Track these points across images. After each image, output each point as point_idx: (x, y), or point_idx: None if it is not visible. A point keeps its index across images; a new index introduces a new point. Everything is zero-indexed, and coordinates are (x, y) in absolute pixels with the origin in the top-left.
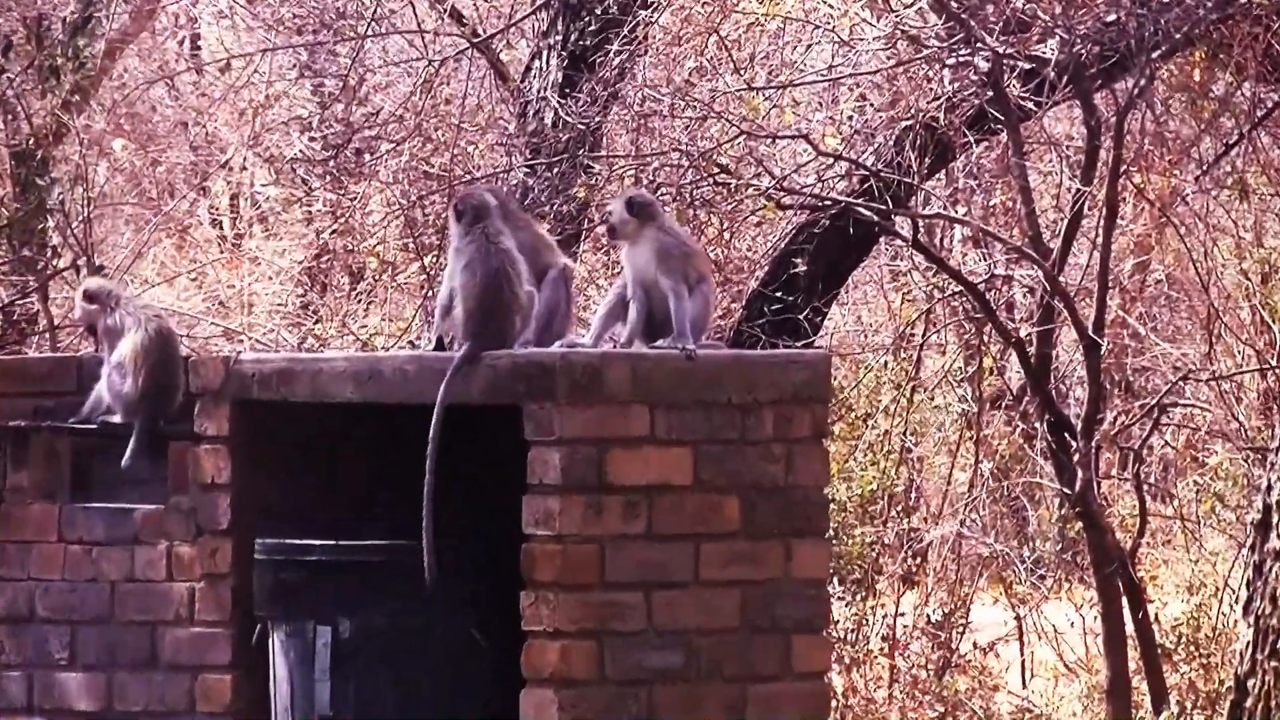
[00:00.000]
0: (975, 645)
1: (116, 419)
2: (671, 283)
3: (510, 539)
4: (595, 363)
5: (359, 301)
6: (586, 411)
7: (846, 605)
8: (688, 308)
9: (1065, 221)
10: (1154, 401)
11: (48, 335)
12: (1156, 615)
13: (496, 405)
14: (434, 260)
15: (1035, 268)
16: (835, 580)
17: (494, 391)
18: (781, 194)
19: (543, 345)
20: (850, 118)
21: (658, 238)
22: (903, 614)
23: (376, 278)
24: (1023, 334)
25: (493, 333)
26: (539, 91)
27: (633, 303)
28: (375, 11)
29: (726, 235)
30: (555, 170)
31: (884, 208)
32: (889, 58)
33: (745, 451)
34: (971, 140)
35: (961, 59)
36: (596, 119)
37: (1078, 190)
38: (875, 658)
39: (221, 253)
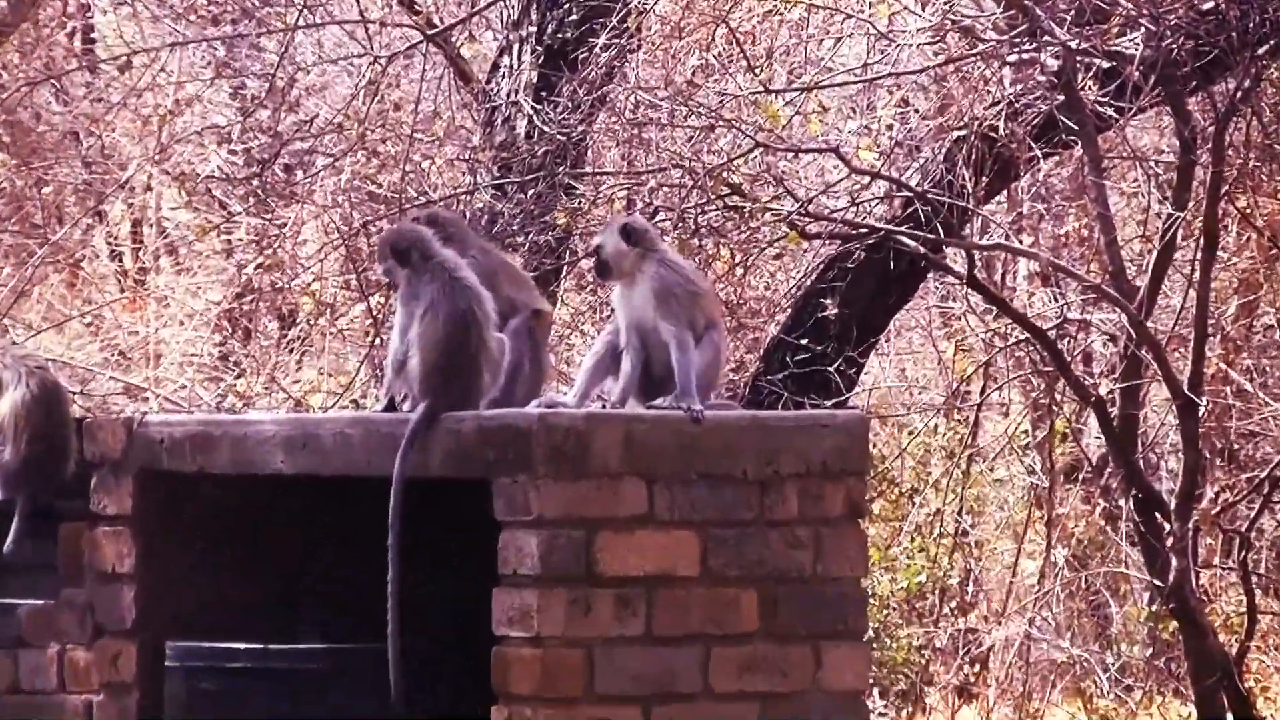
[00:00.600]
0: None
1: None
2: (674, 329)
3: (482, 629)
4: (581, 426)
5: (290, 352)
6: (571, 486)
7: None
8: (693, 359)
9: (1154, 254)
10: (1264, 474)
11: None
12: None
13: (460, 478)
14: (382, 302)
15: (1118, 310)
16: (876, 692)
17: (457, 462)
18: (807, 220)
19: (507, 406)
20: (890, 127)
21: (658, 274)
22: None
23: (312, 322)
24: (1103, 391)
25: (456, 390)
26: (509, 95)
27: (626, 353)
28: None
29: (740, 270)
30: (530, 191)
31: (932, 237)
32: (937, 54)
33: (765, 535)
34: (1039, 155)
35: (1026, 56)
36: (579, 128)
37: (1169, 216)
38: None
39: (122, 292)
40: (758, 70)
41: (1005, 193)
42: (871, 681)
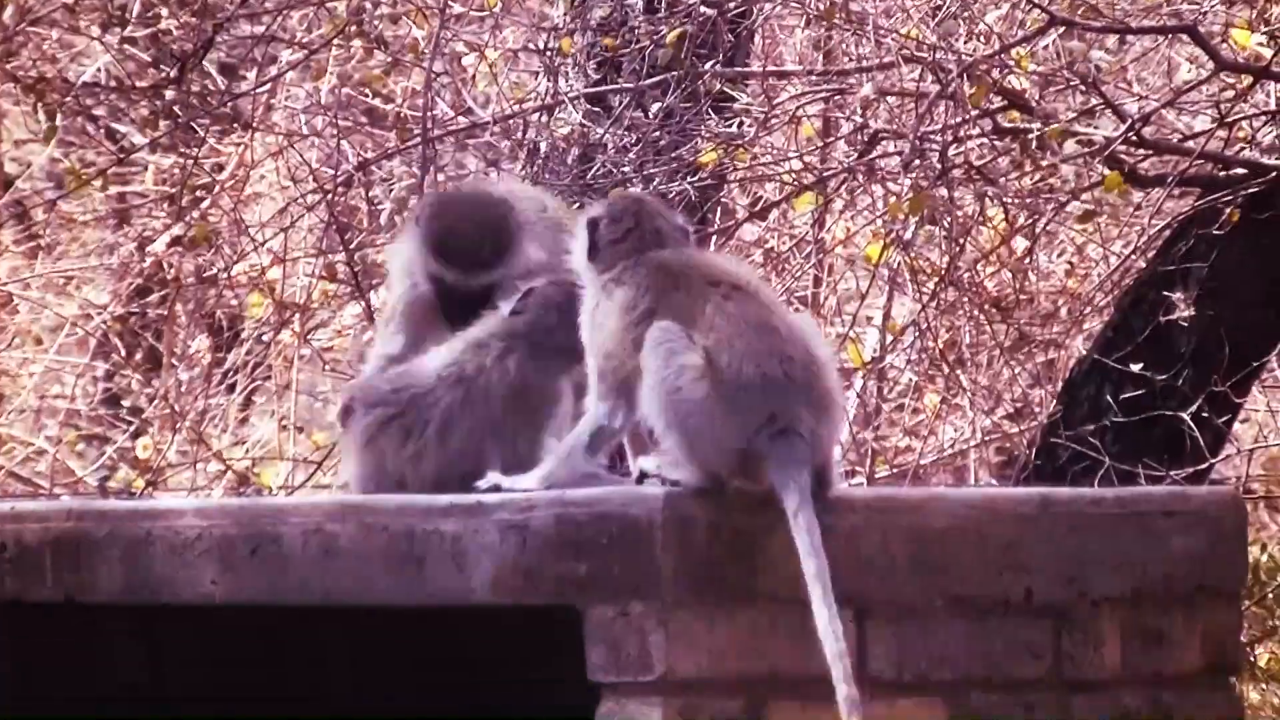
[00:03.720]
0: None
1: None
2: None
3: None
4: (740, 517)
5: (230, 390)
6: (725, 621)
7: None
8: None
9: None
10: None
11: None
12: None
13: (525, 607)
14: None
15: None
16: None
17: (521, 579)
18: (1140, 154)
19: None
20: None
21: None
22: None
23: (268, 339)
24: None
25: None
26: None
27: None
28: None
29: (1022, 243)
30: (654, 106)
31: None
32: None
33: (1065, 705)
34: None
35: None
36: None
37: None
38: None
39: None
40: None
41: None
42: None
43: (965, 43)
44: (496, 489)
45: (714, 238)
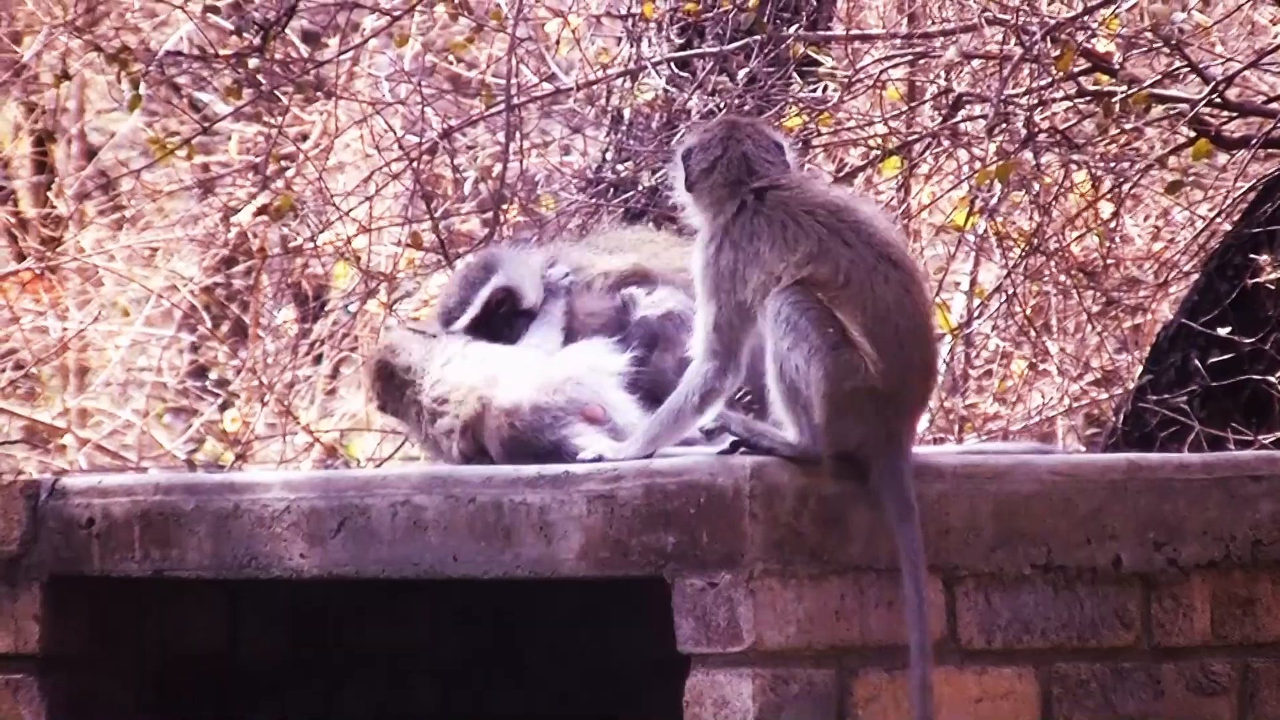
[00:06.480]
0: None
1: None
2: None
3: None
4: (828, 485)
5: (317, 361)
6: (813, 590)
7: None
8: None
9: None
10: None
11: None
12: None
13: (612, 578)
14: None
15: None
16: None
17: (609, 550)
18: (1224, 116)
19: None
20: None
21: None
22: None
23: (352, 306)
24: None
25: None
26: None
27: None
28: None
29: (1108, 208)
30: (739, 70)
31: None
32: None
33: (1154, 673)
34: None
35: None
36: None
37: None
38: None
39: (19, 259)
40: None
41: None
42: None
43: (1048, 5)
44: (600, 459)
45: None
